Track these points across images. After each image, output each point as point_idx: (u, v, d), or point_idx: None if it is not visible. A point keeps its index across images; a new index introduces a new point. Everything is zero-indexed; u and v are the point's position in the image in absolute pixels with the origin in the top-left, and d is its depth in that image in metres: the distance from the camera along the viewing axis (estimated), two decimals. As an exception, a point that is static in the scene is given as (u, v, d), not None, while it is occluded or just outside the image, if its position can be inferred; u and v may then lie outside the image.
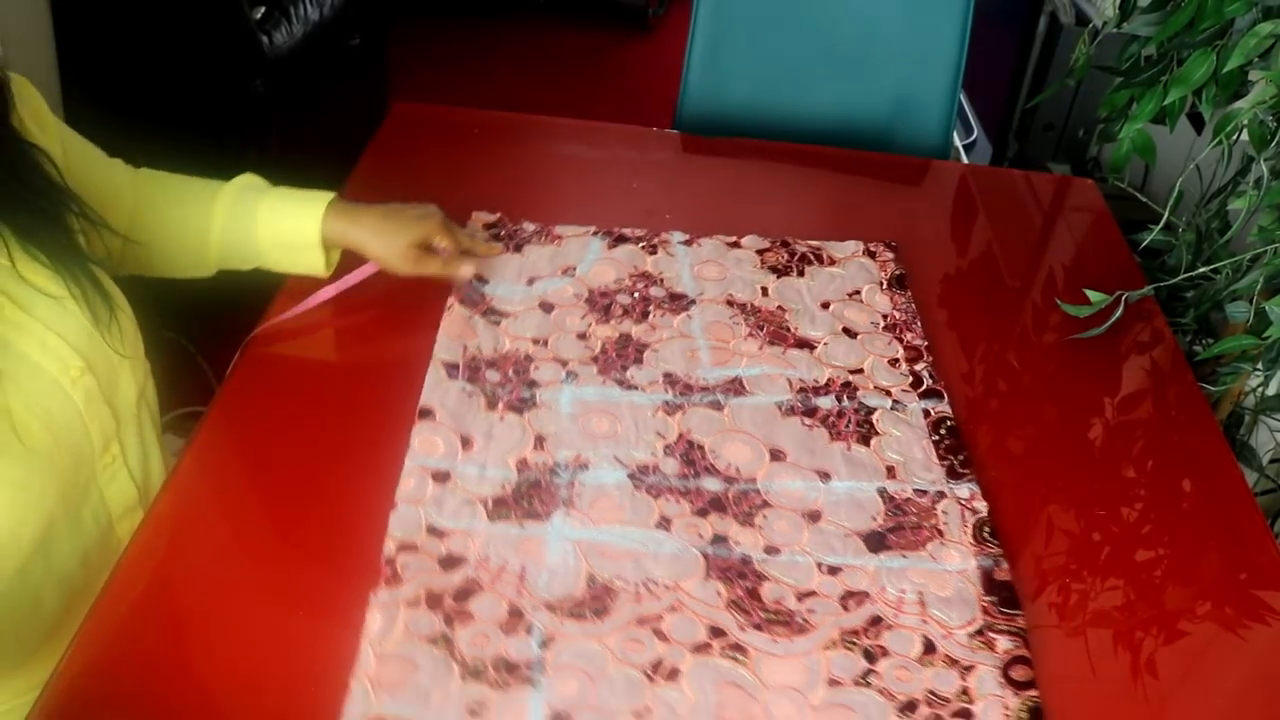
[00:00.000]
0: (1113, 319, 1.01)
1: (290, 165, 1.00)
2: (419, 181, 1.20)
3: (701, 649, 0.72)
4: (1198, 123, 1.35)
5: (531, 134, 1.33)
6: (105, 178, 0.90)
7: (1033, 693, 0.70)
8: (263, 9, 1.97)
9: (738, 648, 0.73)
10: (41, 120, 0.81)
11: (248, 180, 0.95)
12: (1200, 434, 0.95)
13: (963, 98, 2.22)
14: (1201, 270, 1.07)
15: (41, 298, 0.74)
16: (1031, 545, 0.82)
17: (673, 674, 0.71)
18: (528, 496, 0.83)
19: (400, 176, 1.20)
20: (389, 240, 0.94)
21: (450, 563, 0.77)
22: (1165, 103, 1.02)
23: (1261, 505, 0.90)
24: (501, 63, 3.06)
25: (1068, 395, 0.98)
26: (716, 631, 0.74)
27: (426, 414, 0.88)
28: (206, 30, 1.88)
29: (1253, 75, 0.96)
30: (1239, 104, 0.98)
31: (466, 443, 0.86)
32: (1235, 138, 1.01)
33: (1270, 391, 1.14)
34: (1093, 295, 1.01)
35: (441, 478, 0.83)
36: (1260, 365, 1.06)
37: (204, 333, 0.90)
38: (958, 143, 2.22)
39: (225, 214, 0.92)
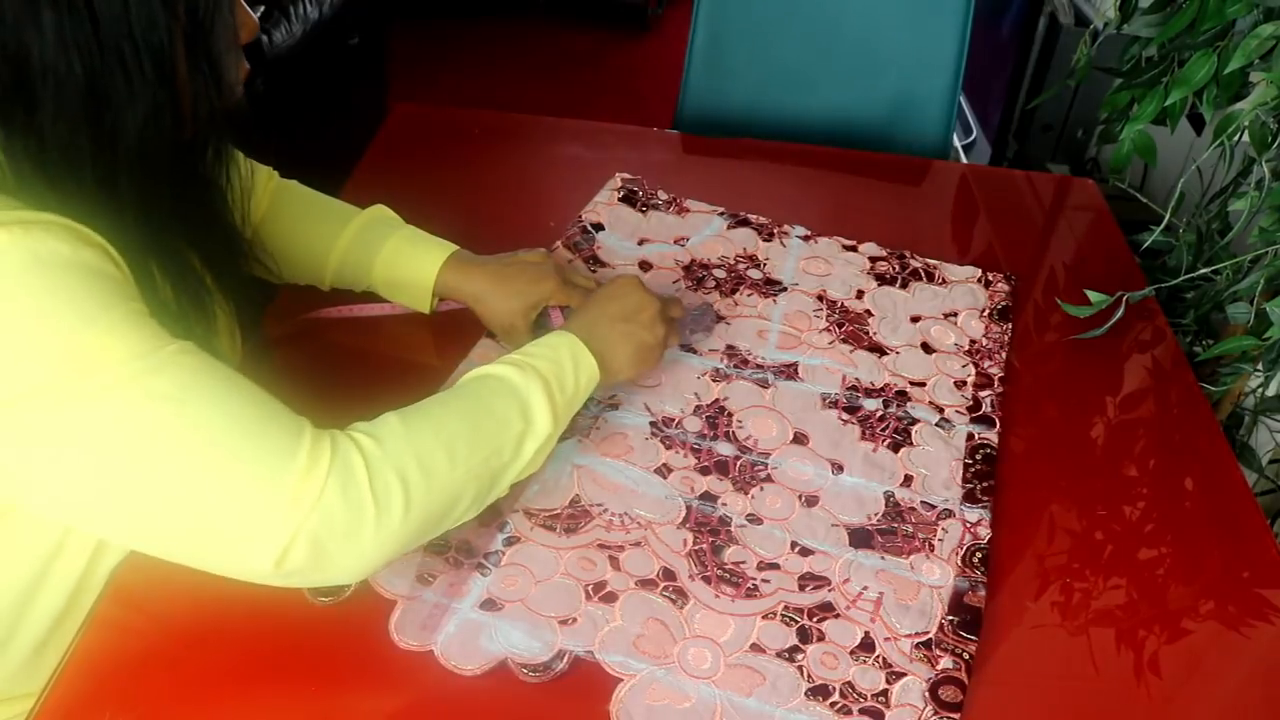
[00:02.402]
0: (1113, 319, 1.01)
1: (289, 166, 1.00)
2: (420, 182, 1.20)
3: (646, 584, 0.76)
4: (1198, 124, 1.36)
5: (532, 134, 1.33)
6: (248, 192, 0.93)
7: (955, 716, 0.69)
8: (262, 8, 1.96)
9: (680, 591, 0.75)
10: None
11: (379, 213, 0.97)
12: (1201, 434, 0.95)
13: (962, 99, 2.22)
14: (1202, 271, 1.08)
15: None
16: (1033, 544, 0.83)
17: (609, 597, 0.74)
18: None
19: (401, 177, 1.20)
20: (500, 303, 0.92)
21: None
22: (1166, 104, 1.02)
23: (1261, 505, 0.90)
24: (501, 63, 3.07)
25: (1069, 395, 0.98)
26: (667, 573, 0.77)
27: (492, 334, 0.96)
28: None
29: (1254, 77, 0.96)
30: (1240, 105, 0.98)
31: None
32: (1236, 139, 1.01)
33: (1270, 392, 1.14)
34: (1093, 296, 1.02)
35: None
36: (1260, 366, 1.06)
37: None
38: (957, 143, 2.23)
39: (349, 242, 0.94)
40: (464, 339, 0.96)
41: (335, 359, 0.96)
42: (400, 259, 0.94)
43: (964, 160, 2.20)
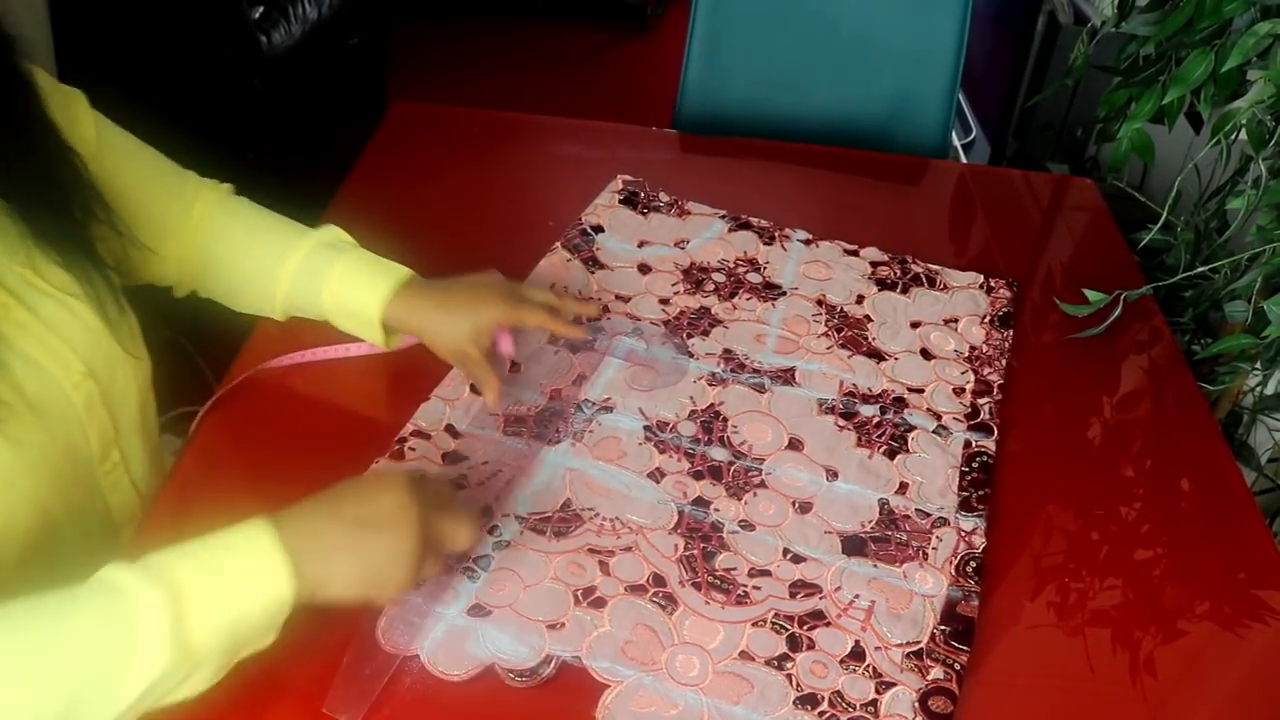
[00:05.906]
0: (1111, 318, 1.00)
1: (288, 165, 1.00)
2: (418, 181, 1.20)
3: (635, 589, 0.75)
4: (1196, 122, 1.35)
5: (530, 133, 1.33)
6: (159, 192, 0.87)
7: None
8: (261, 8, 1.96)
9: (669, 598, 0.75)
10: (73, 124, 0.79)
11: (329, 236, 0.90)
12: (1199, 433, 0.94)
13: (961, 97, 2.21)
14: (1200, 270, 1.07)
15: (49, 301, 0.73)
16: (1030, 544, 0.82)
17: (598, 602, 0.74)
18: (545, 421, 0.88)
19: (400, 176, 1.20)
20: (446, 331, 0.85)
21: (452, 458, 0.84)
22: (1164, 102, 1.02)
23: (1260, 504, 0.90)
24: (500, 62, 3.06)
25: (1066, 394, 0.97)
26: (657, 579, 0.76)
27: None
28: (205, 29, 1.88)
29: (1251, 74, 0.96)
30: (1237, 103, 0.97)
31: (515, 365, 0.93)
32: (1234, 137, 1.01)
33: (1268, 391, 1.14)
34: (1091, 295, 1.01)
35: (478, 389, 0.89)
36: (1258, 364, 1.06)
37: (202, 332, 0.89)
38: (956, 142, 2.22)
39: (297, 266, 0.87)
40: (428, 382, 0.90)
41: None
42: (346, 288, 0.86)
43: (963, 159, 2.20)
